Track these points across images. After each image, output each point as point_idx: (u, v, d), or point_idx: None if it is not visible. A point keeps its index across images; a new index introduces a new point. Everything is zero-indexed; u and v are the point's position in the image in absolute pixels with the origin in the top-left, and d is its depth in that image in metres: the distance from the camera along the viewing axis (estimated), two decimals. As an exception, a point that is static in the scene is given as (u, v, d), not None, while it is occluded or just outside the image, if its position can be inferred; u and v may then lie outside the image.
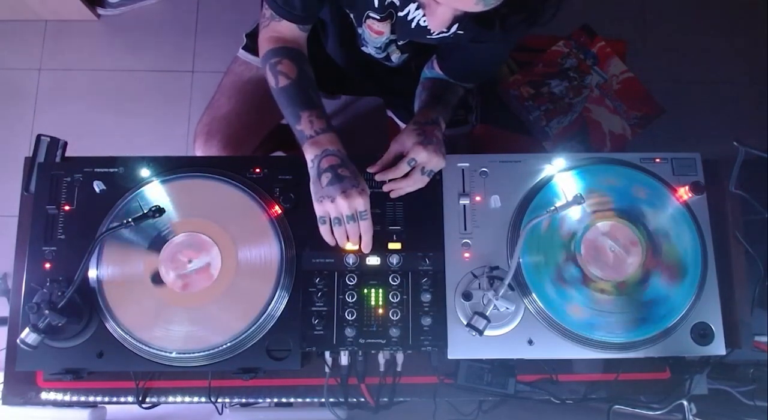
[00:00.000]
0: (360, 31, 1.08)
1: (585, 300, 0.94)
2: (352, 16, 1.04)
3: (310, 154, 0.93)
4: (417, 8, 0.94)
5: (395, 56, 1.13)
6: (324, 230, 0.94)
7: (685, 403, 0.96)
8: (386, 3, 0.95)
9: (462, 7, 0.76)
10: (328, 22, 1.14)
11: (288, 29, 1.02)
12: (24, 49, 2.08)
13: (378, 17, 0.99)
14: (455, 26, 0.95)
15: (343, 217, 0.91)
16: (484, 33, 0.96)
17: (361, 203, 0.91)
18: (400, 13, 0.97)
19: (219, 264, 0.95)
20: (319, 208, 0.93)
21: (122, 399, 1.00)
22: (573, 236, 0.96)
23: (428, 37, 0.99)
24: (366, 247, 0.96)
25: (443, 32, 0.97)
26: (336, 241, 0.95)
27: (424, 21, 0.96)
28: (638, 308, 0.94)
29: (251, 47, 1.27)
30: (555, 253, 0.96)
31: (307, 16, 1.00)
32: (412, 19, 0.96)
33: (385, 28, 1.02)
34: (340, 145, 0.94)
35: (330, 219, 0.93)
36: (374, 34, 1.04)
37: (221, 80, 1.31)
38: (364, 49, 1.15)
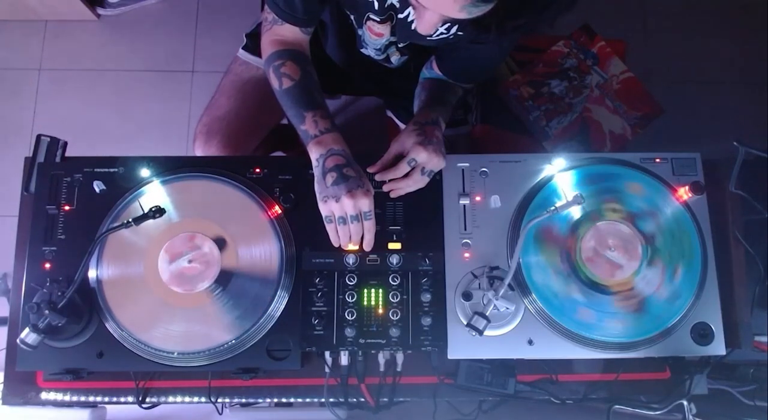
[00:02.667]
0: (360, 32, 1.08)
1: (585, 300, 0.94)
2: (352, 17, 1.04)
3: (314, 154, 0.93)
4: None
5: (395, 58, 1.13)
6: (331, 229, 0.95)
7: (685, 403, 0.96)
8: (386, 5, 0.95)
9: (446, 13, 0.76)
10: (328, 23, 1.14)
11: (290, 32, 1.02)
12: (24, 49, 2.08)
13: (378, 19, 0.99)
14: (455, 28, 0.95)
15: (347, 217, 0.92)
16: (483, 35, 0.96)
17: (366, 203, 0.91)
18: (400, 15, 0.97)
19: (214, 273, 0.94)
20: (324, 208, 0.93)
21: (122, 399, 1.00)
22: (574, 262, 0.96)
23: (428, 38, 0.99)
24: (368, 246, 0.96)
25: (443, 34, 0.97)
26: (339, 242, 0.95)
27: None
28: (638, 308, 0.94)
29: (251, 47, 1.27)
30: (556, 250, 0.96)
31: (308, 19, 1.01)
32: (412, 21, 0.96)
33: (385, 29, 1.02)
34: (345, 145, 0.94)
35: (335, 219, 0.93)
36: (374, 35, 1.04)
37: (221, 80, 1.31)
38: (363, 50, 1.15)
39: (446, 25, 0.95)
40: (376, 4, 0.95)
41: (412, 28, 0.98)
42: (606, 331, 0.93)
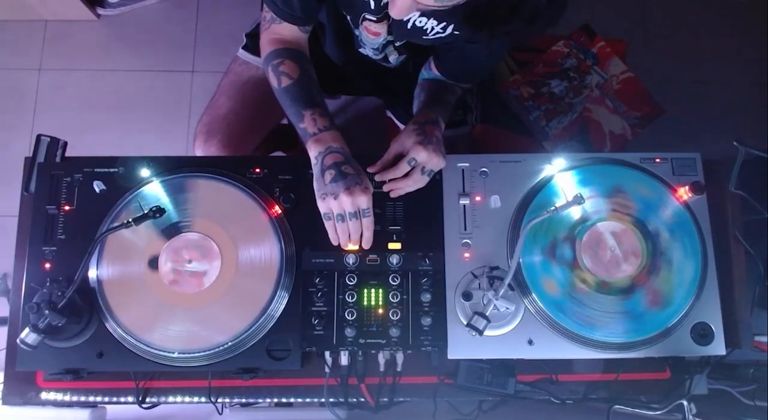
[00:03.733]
0: (357, 32, 1.08)
1: (585, 300, 0.94)
2: (348, 17, 1.05)
3: (313, 152, 0.93)
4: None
5: (393, 57, 1.14)
6: (329, 227, 0.95)
7: (685, 403, 0.96)
8: (382, 4, 0.95)
9: None
10: (326, 24, 1.14)
11: (288, 31, 1.02)
12: (24, 49, 2.08)
13: (374, 18, 0.99)
14: (451, 27, 0.95)
15: (345, 214, 0.92)
16: (477, 34, 0.97)
17: (364, 201, 0.91)
18: None
19: (214, 275, 0.94)
20: (323, 205, 0.93)
21: (122, 399, 1.00)
22: (583, 222, 0.96)
23: (424, 37, 0.99)
24: (366, 243, 0.96)
25: (439, 33, 0.97)
26: (338, 239, 0.95)
27: (421, 22, 0.96)
28: (638, 308, 0.94)
29: (251, 47, 1.27)
30: (558, 229, 0.96)
31: (306, 18, 1.01)
32: (408, 20, 0.97)
33: (381, 29, 1.02)
34: (344, 143, 0.94)
35: (333, 216, 0.93)
36: (371, 35, 1.04)
37: (221, 80, 1.31)
38: (361, 50, 1.15)
39: (442, 24, 0.95)
40: (372, 4, 0.95)
41: (408, 26, 0.98)
42: (606, 331, 0.93)
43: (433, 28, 0.96)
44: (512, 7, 0.83)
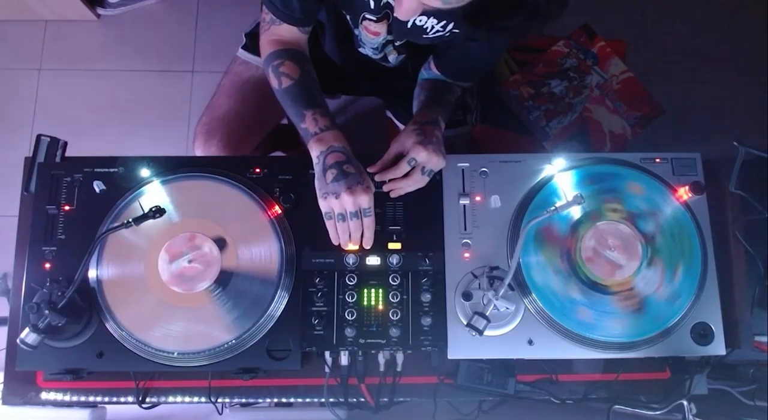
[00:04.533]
0: (357, 32, 1.08)
1: (585, 300, 0.94)
2: (348, 17, 1.05)
3: (315, 151, 0.93)
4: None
5: (392, 57, 1.14)
6: (330, 226, 0.95)
7: (685, 403, 0.96)
8: (381, 3, 0.95)
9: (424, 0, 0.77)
10: (326, 24, 1.14)
11: (288, 32, 1.02)
12: (24, 49, 2.08)
13: (374, 18, 0.99)
14: (451, 25, 0.95)
15: (347, 214, 0.92)
16: (477, 32, 0.97)
17: (365, 200, 0.91)
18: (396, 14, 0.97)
19: (214, 273, 0.94)
20: (324, 204, 0.93)
21: (122, 399, 1.00)
22: (582, 222, 0.96)
23: (424, 36, 0.99)
24: (367, 243, 0.96)
25: (439, 31, 0.97)
26: (339, 239, 0.95)
27: (420, 21, 0.96)
28: (638, 308, 0.94)
29: (251, 47, 1.27)
30: (556, 250, 0.96)
31: (306, 19, 1.01)
32: (408, 19, 0.97)
33: (381, 28, 1.02)
34: (345, 142, 0.94)
35: (334, 215, 0.93)
36: (371, 35, 1.04)
37: (221, 80, 1.31)
38: (361, 50, 1.15)
39: (442, 23, 0.95)
40: (372, 4, 0.95)
41: (408, 26, 0.98)
42: (606, 331, 0.93)
43: (433, 27, 0.96)
44: (512, 3, 0.83)
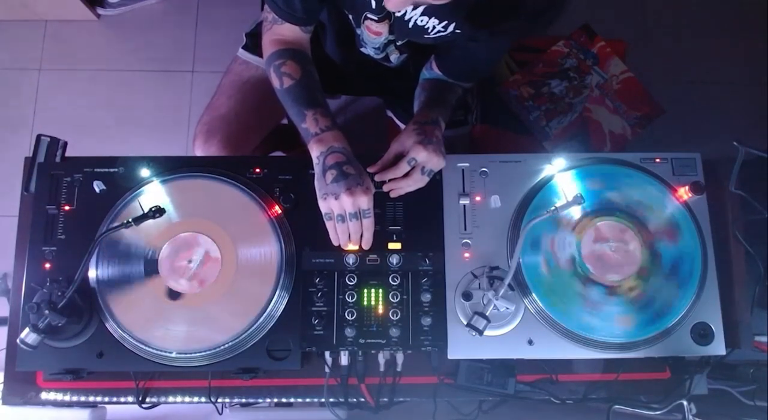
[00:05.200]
0: (359, 31, 1.08)
1: (585, 300, 0.94)
2: (350, 17, 1.05)
3: (315, 151, 0.93)
4: (414, 8, 0.94)
5: (394, 57, 1.14)
6: (330, 227, 0.95)
7: (685, 403, 0.96)
8: (383, 3, 0.96)
9: None
10: (327, 23, 1.14)
11: (290, 31, 1.02)
12: (24, 49, 2.08)
13: (376, 18, 0.99)
14: (452, 25, 0.96)
15: (346, 215, 0.92)
16: (479, 33, 0.97)
17: (364, 201, 0.91)
18: (398, 14, 0.97)
19: (214, 275, 0.95)
20: (324, 205, 0.93)
21: (122, 399, 1.00)
22: (574, 262, 0.96)
23: (426, 36, 0.99)
24: (366, 244, 0.96)
25: (440, 32, 0.97)
26: (339, 240, 0.95)
27: (422, 21, 0.96)
28: (638, 308, 0.94)
29: (251, 47, 1.27)
30: (571, 287, 0.95)
31: (308, 18, 1.01)
32: (410, 19, 0.97)
33: (383, 28, 1.02)
34: (346, 143, 0.94)
35: (334, 216, 0.93)
36: (373, 34, 1.04)
37: (221, 80, 1.31)
38: (363, 49, 1.15)
39: (443, 23, 0.95)
40: (374, 3, 0.95)
41: (410, 26, 0.98)
42: (606, 331, 0.93)
43: (434, 27, 0.96)
44: (513, 5, 0.83)
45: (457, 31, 0.97)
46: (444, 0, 0.77)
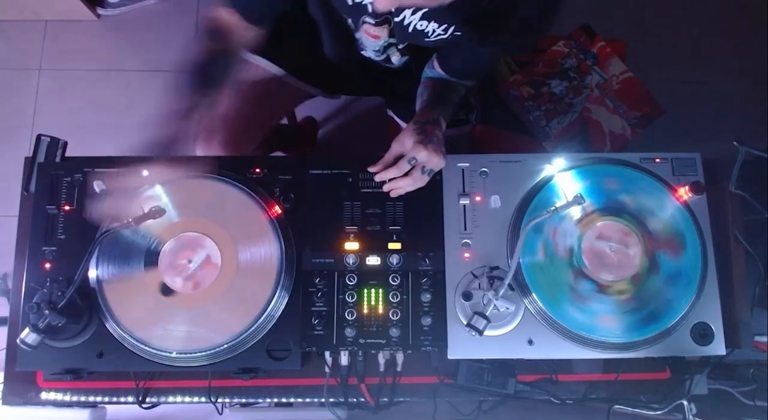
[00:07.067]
0: (357, 35, 1.08)
1: (585, 300, 0.94)
2: (349, 20, 1.04)
3: None
4: (413, 13, 0.94)
5: (395, 58, 1.13)
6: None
7: (685, 403, 0.96)
8: None
9: None
10: (323, 26, 1.13)
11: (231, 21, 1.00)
12: (24, 49, 2.08)
13: (373, 22, 0.99)
14: (452, 28, 0.95)
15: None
16: (482, 33, 0.97)
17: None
18: (396, 19, 0.97)
19: (214, 275, 0.94)
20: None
21: (122, 399, 1.00)
22: (582, 222, 0.96)
23: (426, 40, 0.99)
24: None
25: (440, 35, 0.97)
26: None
27: (421, 25, 0.96)
28: (638, 308, 0.94)
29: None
30: (556, 250, 0.96)
31: (261, 14, 1.00)
32: (409, 24, 0.97)
33: (381, 32, 1.02)
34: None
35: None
36: (371, 38, 1.04)
37: (221, 80, 1.30)
38: (363, 52, 1.15)
39: (443, 26, 0.95)
40: (370, 8, 0.95)
41: (410, 30, 0.98)
42: (606, 331, 0.93)
43: (434, 31, 0.96)
44: (503, 15, 0.83)
45: (458, 33, 0.97)
46: (435, 3, 0.76)
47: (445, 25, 0.95)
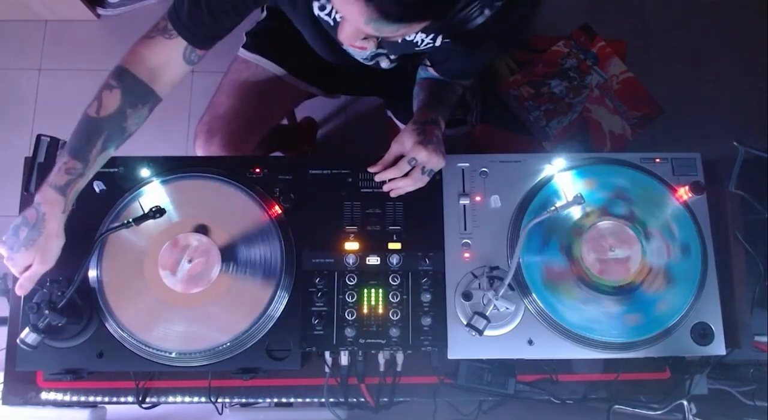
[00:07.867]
0: (345, 47, 1.06)
1: (585, 300, 0.94)
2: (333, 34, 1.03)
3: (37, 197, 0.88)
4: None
5: (384, 64, 1.13)
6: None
7: (685, 403, 0.96)
8: None
9: (355, 25, 0.73)
10: (311, 38, 1.11)
11: (167, 55, 0.97)
12: (24, 49, 2.08)
13: None
14: (440, 37, 0.95)
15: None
16: (472, 39, 0.96)
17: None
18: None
19: (214, 275, 0.94)
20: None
21: (122, 399, 1.00)
22: (582, 222, 0.96)
23: (416, 49, 0.99)
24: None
25: (429, 43, 0.97)
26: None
27: (410, 36, 0.95)
28: (638, 308, 0.94)
29: (252, 46, 1.27)
30: (558, 229, 0.96)
31: (205, 40, 0.96)
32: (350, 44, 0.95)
33: (367, 44, 0.99)
34: (54, 208, 0.88)
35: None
36: (358, 49, 1.03)
37: (221, 79, 1.30)
38: (353, 57, 1.14)
39: (431, 35, 0.95)
40: None
41: (399, 41, 0.97)
42: (606, 331, 0.93)
43: (423, 40, 0.96)
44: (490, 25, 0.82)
45: (447, 40, 0.96)
46: (390, 36, 0.74)
47: (433, 35, 0.95)
